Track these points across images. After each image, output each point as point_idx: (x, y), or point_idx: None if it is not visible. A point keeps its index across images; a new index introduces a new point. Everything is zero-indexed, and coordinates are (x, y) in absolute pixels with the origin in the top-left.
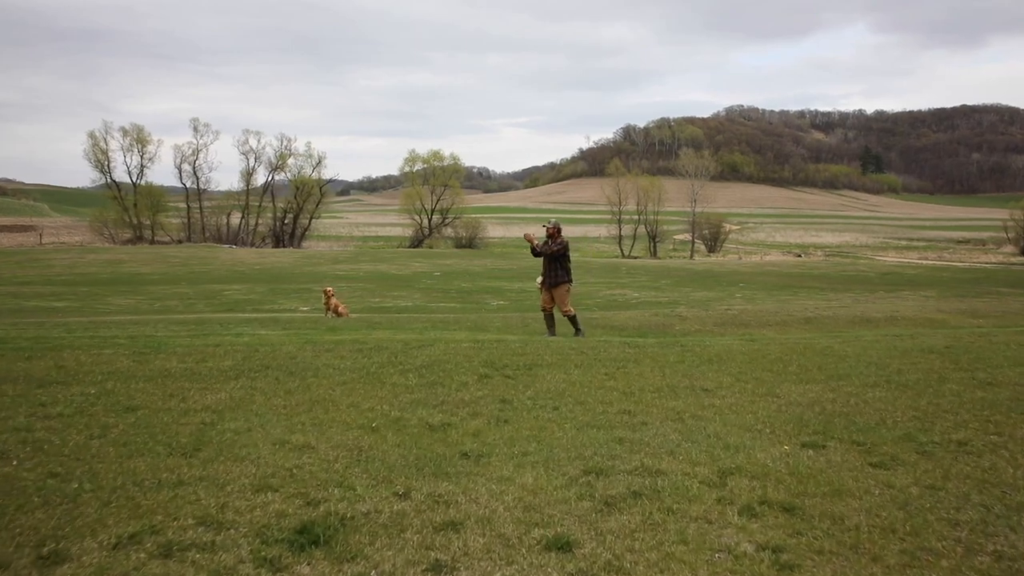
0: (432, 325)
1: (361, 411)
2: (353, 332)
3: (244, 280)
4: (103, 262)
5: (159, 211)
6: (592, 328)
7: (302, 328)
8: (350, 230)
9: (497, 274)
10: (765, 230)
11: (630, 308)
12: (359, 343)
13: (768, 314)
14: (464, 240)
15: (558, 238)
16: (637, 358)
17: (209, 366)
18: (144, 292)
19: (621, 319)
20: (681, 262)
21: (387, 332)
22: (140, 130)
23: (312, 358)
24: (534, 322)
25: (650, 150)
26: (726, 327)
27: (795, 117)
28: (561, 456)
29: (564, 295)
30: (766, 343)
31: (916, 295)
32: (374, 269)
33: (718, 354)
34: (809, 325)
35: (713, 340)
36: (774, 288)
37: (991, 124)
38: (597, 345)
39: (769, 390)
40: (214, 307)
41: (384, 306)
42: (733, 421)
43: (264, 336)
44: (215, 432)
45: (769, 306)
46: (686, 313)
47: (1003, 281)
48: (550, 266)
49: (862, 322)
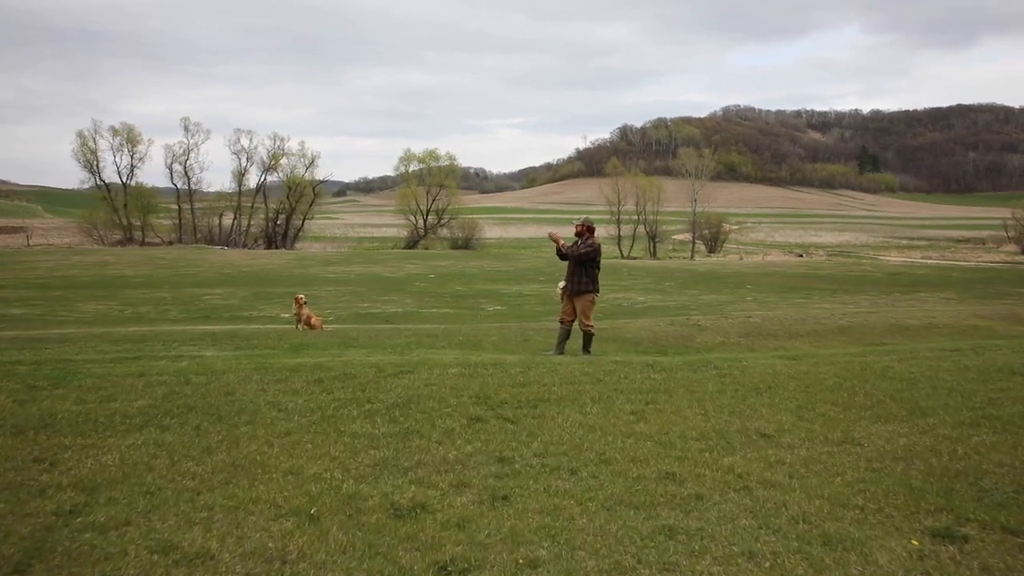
0: (418, 341)
1: (301, 481)
2: (320, 352)
3: (230, 283)
4: (88, 264)
5: (149, 212)
6: (602, 341)
7: (262, 346)
8: (345, 231)
9: (494, 276)
10: (764, 230)
11: (638, 315)
12: (322, 369)
13: (795, 322)
14: (460, 241)
15: (589, 238)
16: (667, 387)
17: (113, 408)
18: (120, 296)
19: (633, 330)
20: (682, 263)
21: (362, 352)
22: (131, 130)
23: (255, 394)
24: (535, 334)
25: (647, 150)
26: (754, 339)
27: (792, 117)
28: (589, 567)
29: (588, 306)
30: (813, 363)
31: (934, 297)
32: (366, 271)
33: (763, 379)
34: (844, 336)
35: (747, 357)
36: (783, 290)
37: (986, 123)
38: (614, 369)
39: (845, 434)
40: (189, 313)
41: (372, 312)
42: (818, 490)
43: (207, 360)
44: (69, 531)
45: (791, 312)
46: (704, 322)
47: (1016, 281)
48: (575, 271)
49: (900, 331)
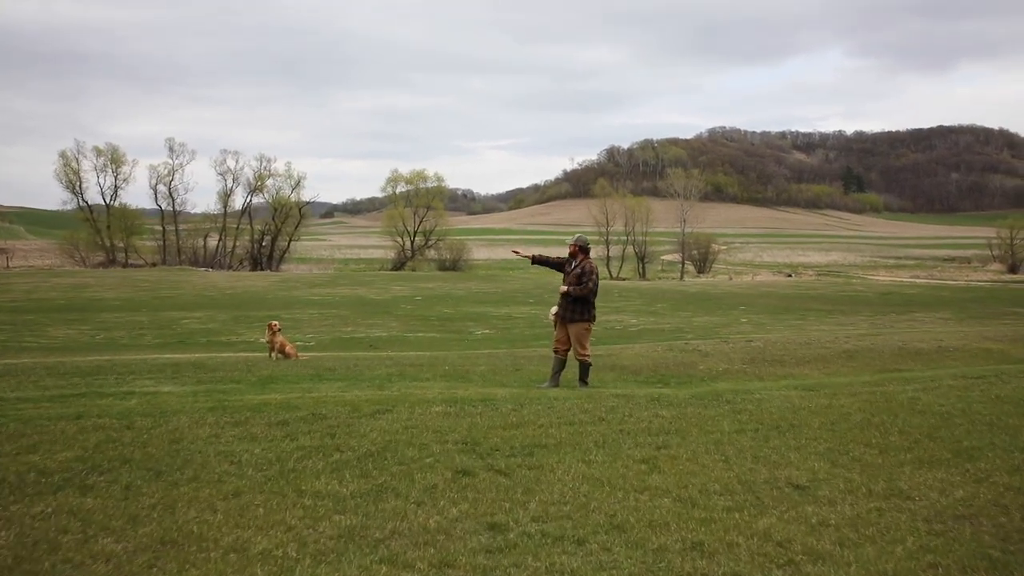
0: (400, 371)
1: (246, 562)
2: (290, 386)
3: (211, 306)
4: (66, 286)
5: (133, 233)
6: (599, 370)
7: (227, 379)
8: (332, 252)
9: (482, 298)
10: (752, 250)
11: (633, 339)
12: (288, 408)
13: (798, 346)
14: (448, 262)
15: (583, 260)
16: (678, 427)
17: (30, 463)
18: (93, 321)
19: (630, 356)
20: (672, 283)
21: (337, 386)
22: (115, 150)
23: (205, 442)
24: (527, 363)
25: (634, 171)
26: (759, 366)
27: (776, 138)
28: None
29: (583, 335)
30: (831, 394)
31: (930, 317)
32: (352, 293)
33: (782, 415)
34: (853, 361)
35: (757, 388)
36: (778, 311)
37: (967, 144)
38: (617, 405)
39: (890, 484)
40: (164, 338)
41: (355, 337)
42: (878, 564)
43: (160, 398)
44: None
45: (790, 335)
46: (705, 347)
47: (1009, 300)
48: (566, 300)
49: (911, 356)
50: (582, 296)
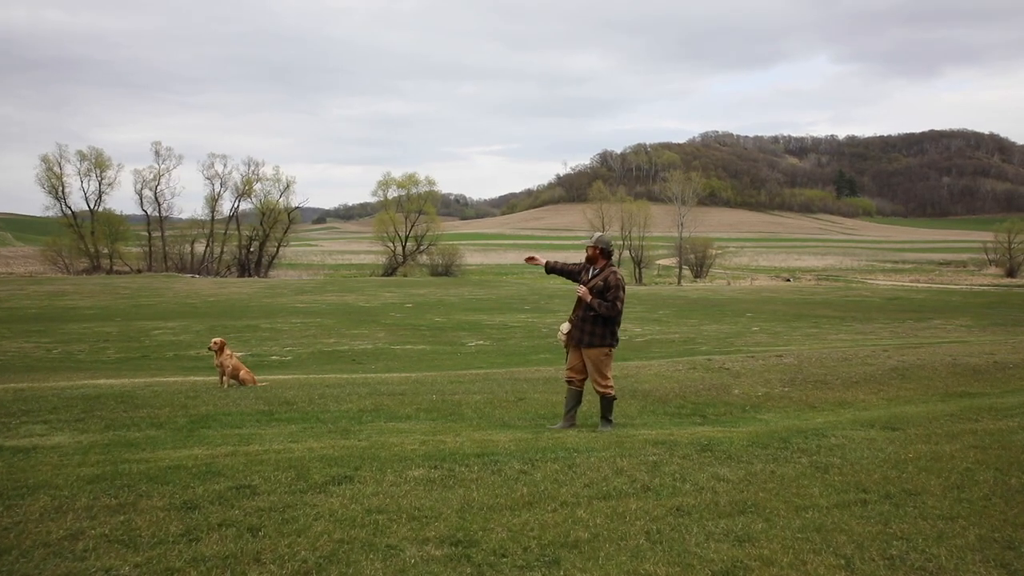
0: (375, 405)
1: None
2: (226, 432)
3: (190, 315)
4: (43, 294)
5: (118, 239)
6: (618, 397)
7: (147, 421)
8: (323, 258)
9: (475, 305)
10: (747, 254)
11: (641, 351)
12: (206, 476)
13: (838, 363)
14: (440, 268)
15: (605, 268)
16: (755, 499)
17: None
18: (59, 332)
19: (650, 378)
20: (671, 289)
21: (289, 430)
22: (99, 154)
23: (51, 549)
24: (530, 388)
25: (627, 175)
26: (804, 390)
27: (769, 142)
28: None
29: (603, 363)
30: (924, 436)
31: (952, 325)
32: (339, 301)
33: (884, 474)
34: (908, 381)
35: (822, 425)
36: (788, 318)
37: (959, 148)
38: (659, 459)
39: None
40: (127, 352)
41: (338, 350)
42: None
43: (34, 458)
44: None
45: (818, 348)
46: (732, 365)
47: (1022, 307)
48: (584, 316)
49: (970, 374)
50: (607, 315)
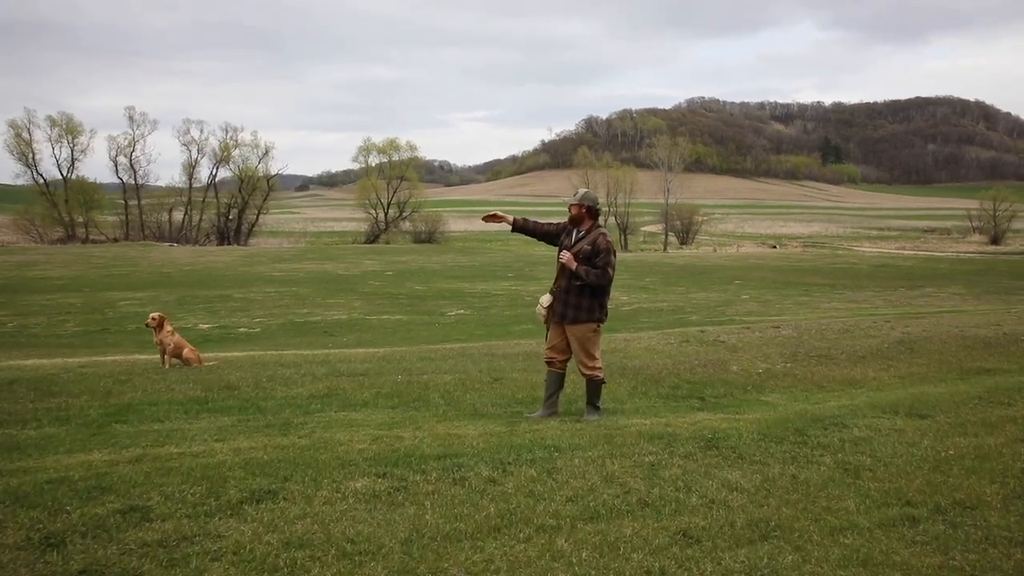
0: (330, 388)
1: None
2: (144, 427)
3: (163, 285)
4: (11, 265)
5: (93, 208)
6: (607, 376)
7: (56, 414)
8: (305, 225)
9: (457, 273)
10: (733, 221)
11: (629, 321)
12: (95, 493)
13: (838, 335)
14: (423, 235)
15: (592, 230)
16: (778, 517)
17: None
18: (19, 304)
19: (640, 352)
20: (657, 255)
21: (220, 423)
22: (69, 119)
23: None
24: (508, 366)
25: (613, 141)
26: (807, 365)
27: (755, 108)
28: None
29: (590, 341)
30: (958, 424)
31: (945, 293)
32: (318, 269)
33: (925, 476)
34: (917, 355)
35: (836, 410)
36: (778, 286)
37: (944, 116)
38: (656, 459)
39: None
40: (87, 325)
41: (310, 321)
42: None
43: None
44: None
45: (816, 318)
46: (727, 337)
47: (1009, 274)
48: (568, 285)
49: (981, 347)
50: (597, 285)
